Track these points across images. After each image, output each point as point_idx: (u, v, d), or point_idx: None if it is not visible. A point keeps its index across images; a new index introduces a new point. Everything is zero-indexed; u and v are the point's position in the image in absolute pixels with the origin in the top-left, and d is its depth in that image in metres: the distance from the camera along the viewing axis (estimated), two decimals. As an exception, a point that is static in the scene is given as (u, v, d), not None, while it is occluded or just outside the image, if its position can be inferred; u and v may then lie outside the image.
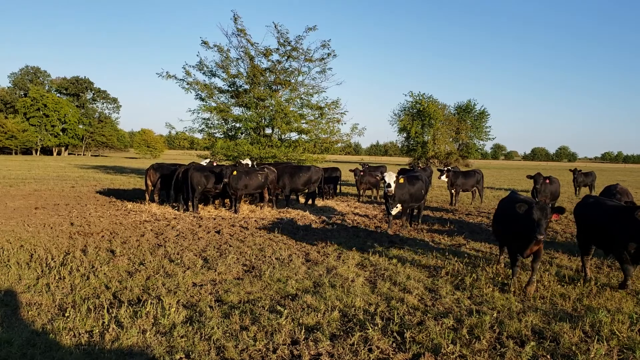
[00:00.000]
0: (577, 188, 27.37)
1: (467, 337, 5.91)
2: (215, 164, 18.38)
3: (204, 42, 27.02)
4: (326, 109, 28.38)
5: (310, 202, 19.08)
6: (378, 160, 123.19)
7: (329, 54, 27.78)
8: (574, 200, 24.59)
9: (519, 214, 7.67)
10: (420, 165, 37.78)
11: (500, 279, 8.67)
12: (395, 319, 6.44)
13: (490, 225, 14.90)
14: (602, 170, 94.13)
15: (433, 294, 7.81)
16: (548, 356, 5.42)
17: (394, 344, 5.71)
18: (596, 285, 8.30)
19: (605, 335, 5.98)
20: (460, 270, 9.09)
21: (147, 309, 6.52)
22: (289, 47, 27.07)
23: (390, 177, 13.40)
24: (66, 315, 6.34)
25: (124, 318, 6.24)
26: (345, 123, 31.87)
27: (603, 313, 6.56)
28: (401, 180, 13.57)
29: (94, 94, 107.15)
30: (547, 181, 16.31)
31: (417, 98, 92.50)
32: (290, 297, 7.48)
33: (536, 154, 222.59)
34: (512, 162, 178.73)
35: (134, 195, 20.70)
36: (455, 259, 9.95)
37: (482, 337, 5.87)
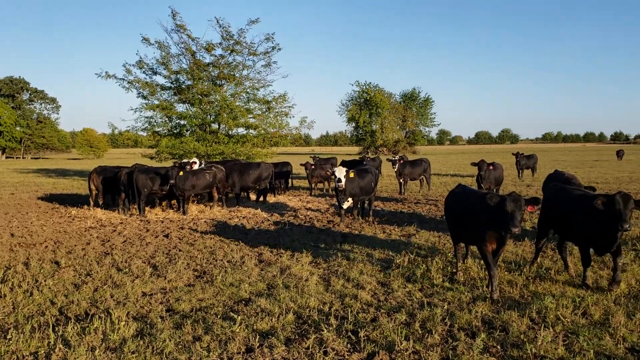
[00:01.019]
0: (520, 171, 28.30)
1: (420, 331, 6.00)
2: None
3: (145, 39, 26.37)
4: (273, 102, 28.29)
5: (261, 199, 18.93)
6: (329, 150, 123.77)
7: (273, 47, 27.69)
8: (517, 183, 25.45)
9: (482, 208, 7.26)
10: (369, 155, 38.12)
11: (449, 269, 8.85)
12: (350, 317, 6.46)
13: (439, 213, 15.22)
14: (543, 150, 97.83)
15: (386, 288, 7.89)
16: (498, 347, 5.56)
17: (349, 344, 5.72)
18: (542, 269, 8.60)
19: (551, 321, 6.19)
20: (411, 262, 9.21)
21: (95, 325, 6.29)
22: (231, 41, 26.76)
23: (341, 172, 13.46)
24: (8, 337, 6.02)
25: (71, 336, 5.99)
26: (293, 116, 31.91)
27: (549, 299, 6.78)
28: (351, 175, 13.66)
29: (30, 94, 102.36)
30: (491, 167, 16.76)
31: (364, 87, 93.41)
32: (243, 301, 7.39)
33: (480, 138, 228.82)
34: (457, 146, 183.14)
35: (78, 200, 19.97)
36: (406, 250, 10.09)
37: (434, 331, 5.96)
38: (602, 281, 7.87)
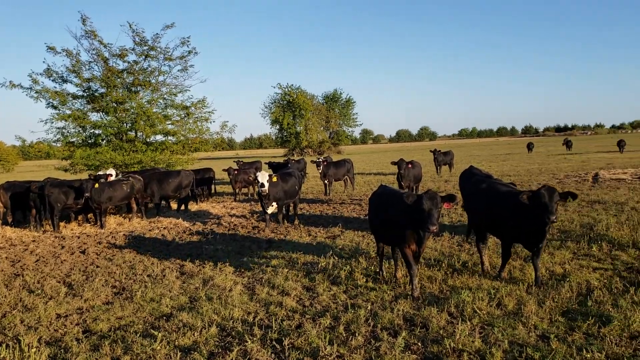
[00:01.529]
0: (438, 167, 29.32)
1: (344, 334, 6.03)
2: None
3: (50, 48, 24.95)
4: (192, 108, 27.83)
5: (183, 208, 18.44)
6: (254, 153, 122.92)
7: (189, 52, 27.18)
8: (436, 179, 26.35)
9: (401, 208, 7.26)
10: (294, 157, 38.21)
11: (373, 268, 8.98)
12: (274, 326, 6.40)
13: (363, 212, 15.46)
14: (460, 146, 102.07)
15: (311, 293, 7.89)
16: (419, 344, 5.69)
17: (273, 354, 5.66)
18: (459, 263, 8.91)
19: (469, 314, 6.42)
20: (336, 264, 9.25)
21: (2, 355, 5.86)
22: (146, 47, 25.96)
23: (263, 177, 13.35)
24: None
25: (-28, 371, 5.55)
26: (214, 121, 31.58)
27: (465, 292, 7.02)
28: (274, 179, 13.58)
29: None
30: (410, 166, 17.22)
31: (286, 90, 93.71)
32: (164, 317, 7.14)
33: (401, 136, 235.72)
34: (380, 145, 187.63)
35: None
36: (331, 252, 10.16)
37: (357, 333, 6.01)
38: (514, 271, 8.25)
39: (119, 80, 25.67)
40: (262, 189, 13.23)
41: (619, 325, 5.80)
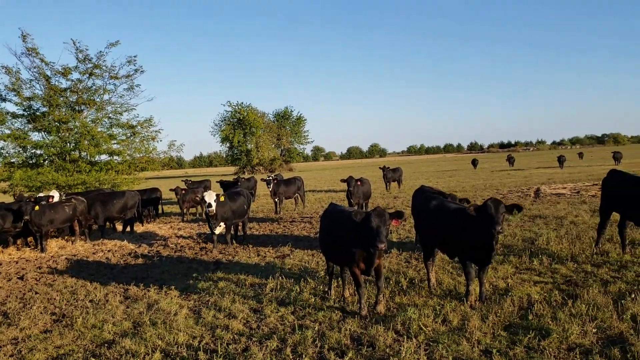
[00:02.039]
0: (388, 184, 29.77)
1: (291, 356, 5.99)
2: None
3: (-12, 65, 24.06)
4: (139, 127, 27.35)
5: (128, 229, 17.95)
6: (204, 172, 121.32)
7: (136, 70, 26.85)
8: (385, 195, 26.72)
9: (350, 227, 7.20)
10: (244, 175, 37.93)
11: (322, 287, 8.97)
12: (220, 350, 6.29)
13: (314, 231, 15.47)
14: (409, 162, 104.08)
15: (258, 315, 7.79)
16: (365, 363, 5.71)
17: (219, 380, 5.55)
18: (406, 280, 9.02)
19: (415, 331, 6.48)
20: (284, 285, 9.21)
21: None
22: (90, 65, 25.38)
23: (210, 197, 13.17)
24: None
25: None
26: (161, 140, 31.07)
27: (411, 309, 7.10)
28: (222, 198, 13.43)
29: None
30: (359, 183, 17.42)
31: (236, 107, 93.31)
32: (106, 344, 6.90)
33: (352, 153, 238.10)
34: (331, 162, 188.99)
35: None
36: (280, 272, 10.09)
37: (304, 355, 5.98)
38: (460, 287, 8.42)
39: (62, 98, 25.00)
40: (210, 209, 13.05)
41: (557, 338, 6.00)
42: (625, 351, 5.56)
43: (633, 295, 7.26)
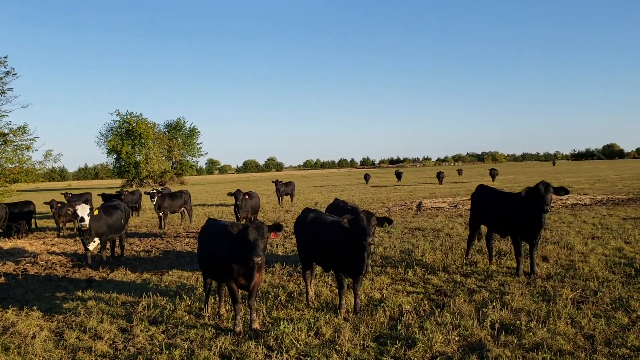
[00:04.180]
0: (280, 197, 29.78)
1: (155, 379, 5.66)
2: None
3: None
4: (11, 135, 25.15)
5: (-9, 246, 16.37)
6: (89, 184, 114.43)
7: (7, 73, 24.74)
8: (277, 209, 26.70)
9: (228, 241, 7.03)
10: (127, 189, 36.10)
11: (198, 305, 8.65)
12: (77, 376, 5.80)
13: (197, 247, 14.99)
14: (305, 176, 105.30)
15: (127, 335, 7.33)
16: (232, 382, 5.52)
17: (71, 409, 5.09)
18: (285, 294, 8.94)
19: (287, 346, 6.39)
20: (158, 303, 8.76)
21: None
22: (-47, 66, 23.02)
23: (84, 210, 12.32)
24: None
25: None
26: (37, 150, 28.78)
27: (284, 324, 7.00)
28: (95, 212, 12.63)
29: None
30: (247, 196, 17.22)
31: (125, 117, 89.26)
32: (-57, 377, 6.12)
33: (248, 166, 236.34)
34: (226, 175, 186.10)
35: None
36: (156, 289, 9.62)
37: (170, 376, 5.68)
38: (337, 299, 8.48)
39: None
40: (82, 223, 12.20)
41: (422, 347, 6.18)
42: (483, 357, 5.85)
43: (494, 304, 7.72)
